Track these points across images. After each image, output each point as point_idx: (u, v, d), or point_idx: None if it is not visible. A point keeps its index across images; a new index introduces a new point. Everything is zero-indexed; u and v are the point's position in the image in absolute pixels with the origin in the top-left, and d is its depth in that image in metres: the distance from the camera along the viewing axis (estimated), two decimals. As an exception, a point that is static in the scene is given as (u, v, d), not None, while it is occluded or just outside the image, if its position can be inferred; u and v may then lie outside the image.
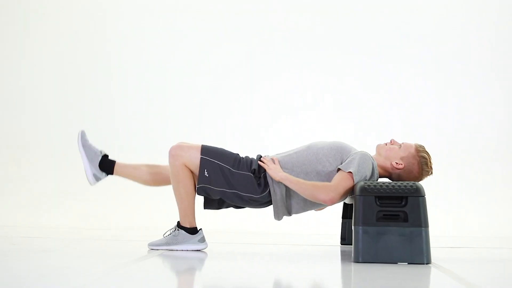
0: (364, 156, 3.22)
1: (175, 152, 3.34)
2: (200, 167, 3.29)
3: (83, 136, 3.51)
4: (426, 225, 2.96)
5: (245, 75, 6.05)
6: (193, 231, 3.38)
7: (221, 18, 6.12)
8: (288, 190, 3.31)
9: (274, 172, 3.27)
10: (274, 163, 3.31)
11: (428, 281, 2.56)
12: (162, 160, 5.95)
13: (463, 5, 6.01)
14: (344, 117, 5.91)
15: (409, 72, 5.95)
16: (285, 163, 3.33)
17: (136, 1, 6.23)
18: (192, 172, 3.35)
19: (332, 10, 6.07)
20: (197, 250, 3.37)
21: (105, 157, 3.52)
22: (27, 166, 5.96)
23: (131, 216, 5.51)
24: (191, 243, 3.35)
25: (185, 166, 3.33)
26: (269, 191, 3.30)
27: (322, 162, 3.29)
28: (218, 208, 3.46)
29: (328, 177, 3.27)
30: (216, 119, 5.99)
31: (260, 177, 3.32)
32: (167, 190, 5.42)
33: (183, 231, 3.35)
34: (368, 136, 5.66)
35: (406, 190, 2.97)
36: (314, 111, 5.94)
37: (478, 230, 5.24)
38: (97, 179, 3.51)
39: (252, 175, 3.31)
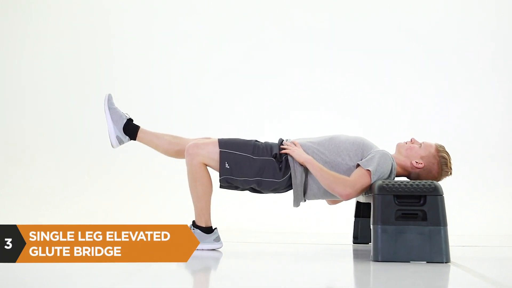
0: (384, 155, 3.22)
1: (192, 150, 3.31)
2: (220, 160, 3.28)
3: (109, 99, 3.48)
4: (445, 224, 2.97)
5: (249, 73, 6.01)
6: (208, 230, 3.35)
7: (223, 17, 6.10)
8: (307, 175, 3.30)
9: (298, 154, 3.26)
10: (296, 146, 3.30)
11: (454, 279, 2.56)
12: (166, 160, 5.90)
13: (463, 6, 6.03)
14: (348, 115, 5.89)
15: (412, 72, 5.96)
16: (306, 148, 3.33)
17: (139, 1, 6.18)
18: (211, 168, 3.33)
19: (336, 10, 6.06)
20: (213, 250, 3.35)
21: (129, 121, 3.49)
22: (26, 165, 5.90)
23: (133, 216, 5.47)
24: (206, 242, 3.33)
25: (203, 164, 3.31)
26: (290, 174, 3.29)
27: (342, 155, 3.29)
28: (235, 188, 3.40)
29: (346, 171, 3.26)
30: (221, 117, 5.94)
31: (281, 161, 3.31)
32: (172, 188, 5.41)
33: (198, 230, 3.33)
34: (371, 135, 5.66)
35: (424, 189, 2.98)
36: (317, 111, 5.92)
37: (478, 229, 5.25)
38: (120, 142, 3.46)
39: (273, 159, 3.30)
